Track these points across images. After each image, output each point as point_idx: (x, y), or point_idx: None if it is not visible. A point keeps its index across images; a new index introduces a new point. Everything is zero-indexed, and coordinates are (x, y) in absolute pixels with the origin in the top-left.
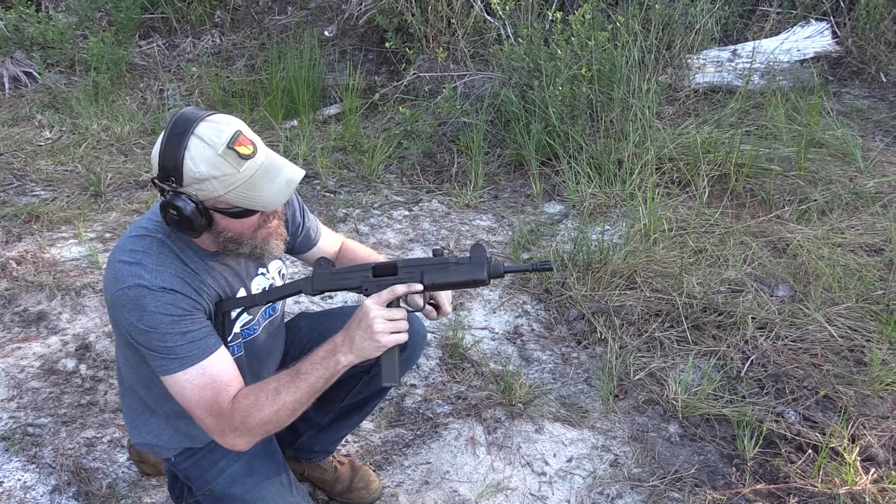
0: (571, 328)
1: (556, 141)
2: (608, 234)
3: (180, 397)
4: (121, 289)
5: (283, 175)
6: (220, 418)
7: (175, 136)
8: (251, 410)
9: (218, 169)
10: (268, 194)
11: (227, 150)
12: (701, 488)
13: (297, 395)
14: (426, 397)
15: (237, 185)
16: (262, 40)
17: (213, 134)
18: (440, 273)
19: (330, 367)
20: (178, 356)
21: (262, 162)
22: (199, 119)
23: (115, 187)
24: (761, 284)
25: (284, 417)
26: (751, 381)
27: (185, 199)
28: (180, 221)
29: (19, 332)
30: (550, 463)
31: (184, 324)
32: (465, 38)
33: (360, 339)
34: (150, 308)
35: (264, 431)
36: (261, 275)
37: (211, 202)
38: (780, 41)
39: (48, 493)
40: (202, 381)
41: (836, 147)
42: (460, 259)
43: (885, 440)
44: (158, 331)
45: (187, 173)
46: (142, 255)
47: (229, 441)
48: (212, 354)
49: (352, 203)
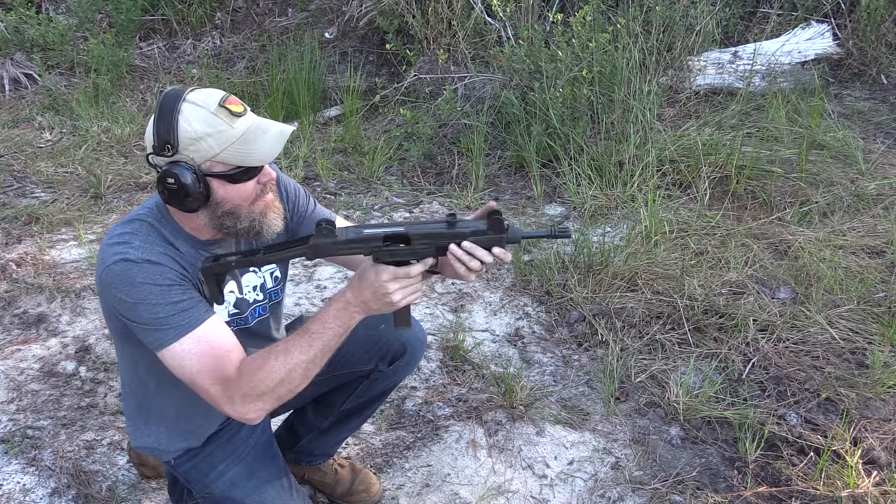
0: (572, 330)
1: (557, 143)
2: (609, 236)
3: (181, 371)
4: (106, 267)
5: (274, 128)
6: (227, 385)
7: (167, 107)
8: (260, 373)
9: (212, 126)
10: (262, 146)
11: (220, 107)
12: (702, 491)
13: (310, 353)
14: (427, 400)
15: (232, 142)
16: (262, 42)
17: (203, 96)
18: (456, 243)
19: (344, 324)
20: (171, 326)
21: (252, 120)
22: (187, 90)
23: (115, 189)
24: (762, 286)
25: (297, 378)
26: (752, 383)
27: (183, 166)
28: (178, 191)
29: (19, 334)
30: (551, 465)
31: (173, 293)
32: (466, 40)
33: (376, 305)
34: (137, 280)
35: (277, 396)
36: (252, 272)
37: (207, 165)
38: (781, 43)
39: (48, 496)
40: (200, 348)
41: (837, 149)
42: (477, 227)
43: (888, 443)
44: (148, 301)
45: (182, 134)
46: (129, 235)
47: (239, 409)
48: (205, 321)
49: (352, 205)
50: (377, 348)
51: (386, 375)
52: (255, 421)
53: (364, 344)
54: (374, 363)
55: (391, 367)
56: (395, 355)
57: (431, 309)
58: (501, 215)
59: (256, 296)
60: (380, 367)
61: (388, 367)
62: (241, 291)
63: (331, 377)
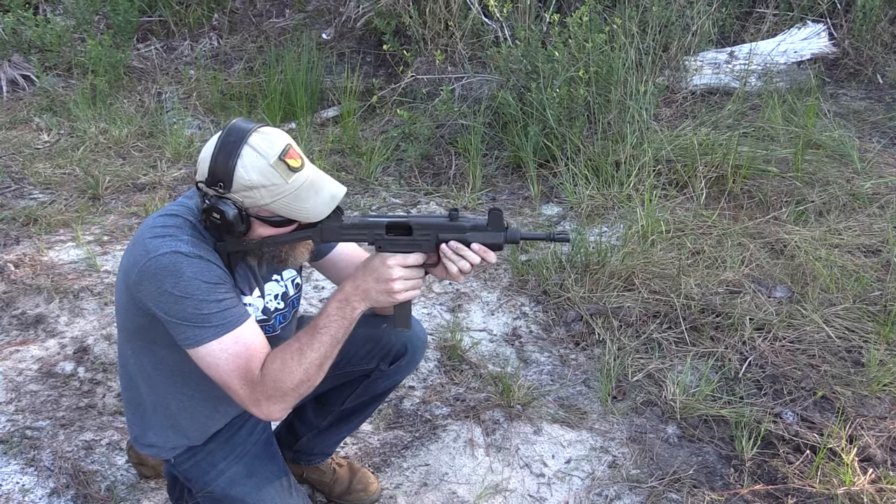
0: (570, 330)
1: (554, 143)
2: (606, 236)
3: (213, 369)
4: (154, 257)
5: (327, 190)
6: (254, 387)
7: (229, 144)
8: (281, 374)
9: (268, 178)
10: (312, 207)
11: (279, 161)
12: (699, 489)
13: (321, 350)
14: (425, 399)
15: (284, 196)
16: (260, 43)
17: (266, 145)
18: (456, 236)
19: (347, 315)
20: (213, 324)
21: (308, 176)
22: (252, 130)
23: (113, 190)
24: (759, 285)
25: (314, 375)
26: (749, 381)
27: (230, 204)
28: (221, 225)
29: (17, 335)
30: (549, 464)
31: (219, 291)
32: (463, 41)
33: (375, 293)
34: (186, 274)
35: (298, 394)
36: (274, 280)
37: (255, 210)
38: (777, 43)
39: (47, 496)
40: (236, 349)
41: (833, 148)
42: (477, 222)
43: (883, 440)
44: (195, 297)
45: (238, 180)
46: (175, 229)
47: (265, 410)
48: (245, 322)
49: (350, 205)
50: (379, 347)
51: (387, 375)
52: (280, 419)
53: (366, 343)
54: (375, 362)
55: (392, 366)
56: (396, 355)
57: (429, 309)
58: (502, 213)
59: (278, 304)
60: (381, 366)
61: (390, 366)
62: (264, 300)
63: (332, 375)
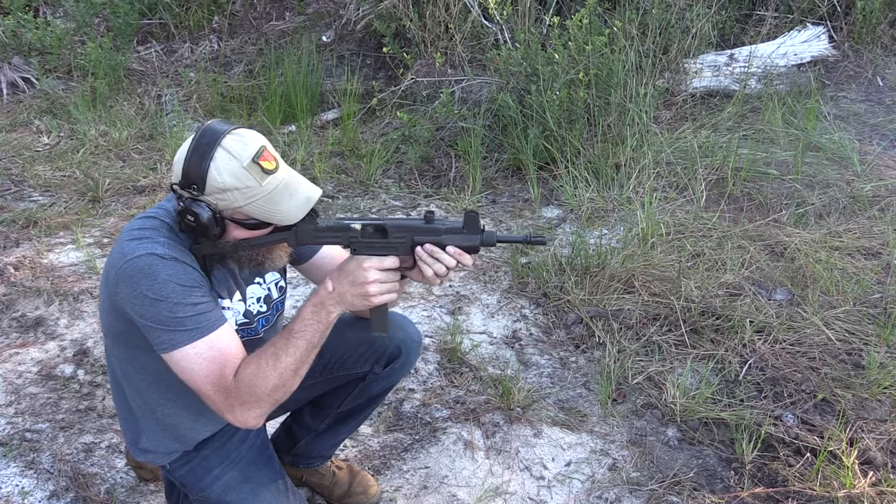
0: (570, 332)
1: (554, 145)
2: (606, 239)
3: (188, 374)
4: (129, 260)
5: (301, 192)
6: (228, 393)
7: (202, 147)
8: (255, 380)
9: (241, 181)
10: (287, 209)
11: (252, 163)
12: (699, 492)
13: (296, 354)
14: (424, 402)
15: (258, 198)
16: (260, 46)
17: (240, 147)
18: (431, 239)
19: (322, 319)
20: (188, 328)
21: (283, 178)
22: (226, 132)
23: (112, 193)
24: (759, 288)
25: (289, 380)
26: (749, 384)
27: (204, 206)
28: (195, 227)
29: (17, 337)
30: (549, 467)
31: (194, 294)
32: (463, 43)
33: (351, 296)
34: (161, 276)
35: (273, 400)
36: (257, 283)
37: (229, 212)
38: (777, 45)
39: (46, 499)
40: (211, 354)
41: (833, 151)
42: (453, 225)
43: (884, 443)
44: (170, 300)
45: (211, 182)
46: (152, 231)
47: (240, 417)
48: (220, 327)
49: (350, 208)
50: (372, 350)
51: (381, 377)
52: (256, 426)
53: (359, 346)
54: (369, 365)
55: (386, 369)
56: (390, 357)
57: (429, 311)
58: (477, 215)
59: (260, 307)
60: (375, 369)
61: (384, 369)
62: (245, 303)
63: (326, 379)
